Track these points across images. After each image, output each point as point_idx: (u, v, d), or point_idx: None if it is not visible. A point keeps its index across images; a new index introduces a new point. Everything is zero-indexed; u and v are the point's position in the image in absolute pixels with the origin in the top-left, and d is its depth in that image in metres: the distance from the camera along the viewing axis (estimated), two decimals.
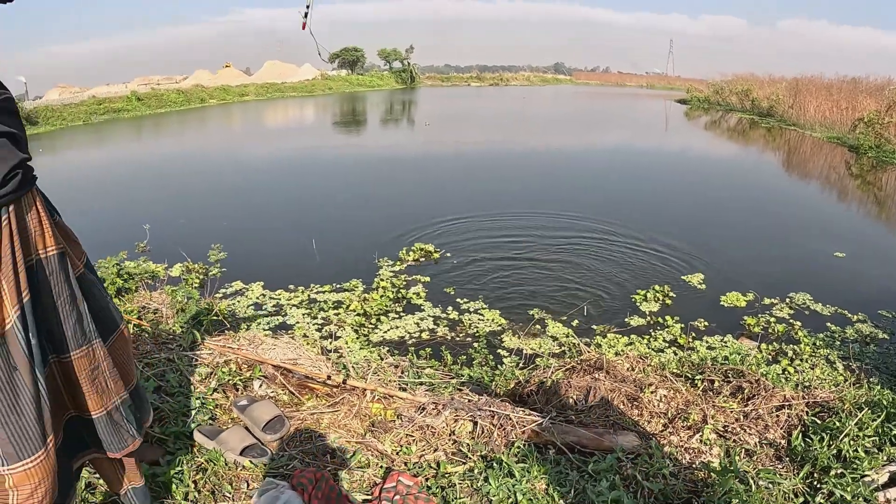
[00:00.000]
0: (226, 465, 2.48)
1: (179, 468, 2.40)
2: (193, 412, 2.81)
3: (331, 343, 4.71)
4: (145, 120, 32.46)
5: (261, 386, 3.16)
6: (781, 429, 2.72)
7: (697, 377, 3.28)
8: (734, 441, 2.68)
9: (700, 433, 2.69)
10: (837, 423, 2.62)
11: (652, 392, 2.97)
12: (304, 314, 5.43)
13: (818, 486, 2.39)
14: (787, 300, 5.85)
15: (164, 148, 19.60)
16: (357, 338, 4.89)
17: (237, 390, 3.11)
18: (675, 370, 3.44)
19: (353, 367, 3.47)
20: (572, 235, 7.96)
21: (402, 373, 3.69)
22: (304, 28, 2.12)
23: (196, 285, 6.12)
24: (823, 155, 17.80)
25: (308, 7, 2.06)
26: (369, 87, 58.42)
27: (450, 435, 2.63)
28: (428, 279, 6.25)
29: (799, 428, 2.70)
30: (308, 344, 4.16)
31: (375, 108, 36.48)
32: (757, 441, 2.67)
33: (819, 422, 2.71)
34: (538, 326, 5.20)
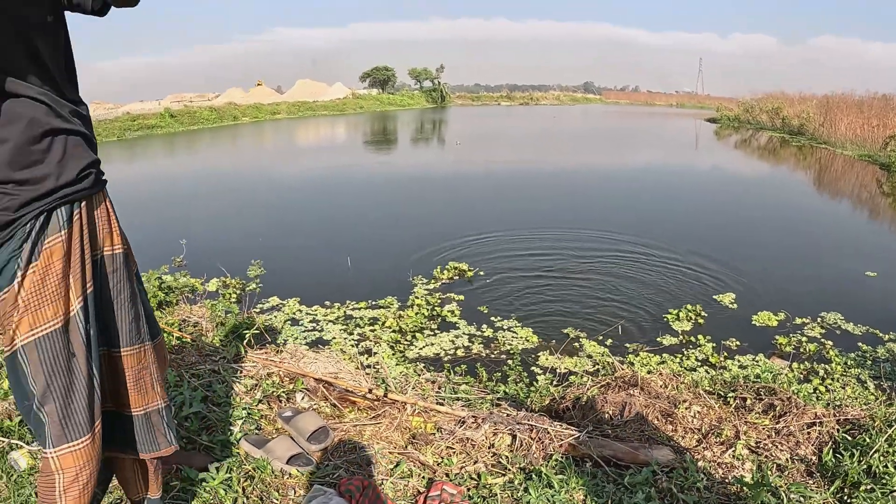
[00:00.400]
0: (273, 473, 2.59)
1: (228, 475, 2.51)
2: (240, 422, 2.93)
3: (367, 358, 4.84)
4: (178, 137, 32.99)
5: (303, 398, 3.28)
6: (812, 445, 2.78)
7: (730, 394, 3.34)
8: (766, 457, 2.74)
9: (733, 449, 2.76)
10: (868, 440, 2.67)
11: (686, 408, 3.04)
12: (340, 330, 5.55)
13: (848, 501, 2.45)
14: (819, 319, 5.86)
15: (198, 164, 19.96)
16: (393, 354, 5.00)
17: (281, 402, 3.23)
18: (707, 388, 3.50)
19: (392, 381, 3.58)
20: (604, 253, 8.04)
21: (439, 388, 3.80)
22: None
23: (234, 300, 6.29)
24: (855, 173, 17.68)
25: None
26: (400, 106, 58.93)
27: (489, 448, 2.72)
28: (462, 297, 6.35)
29: (830, 444, 2.76)
30: (347, 358, 4.28)
31: (406, 127, 36.77)
32: (788, 457, 2.73)
33: (850, 438, 2.76)
34: (574, 345, 5.27)
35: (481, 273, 7.13)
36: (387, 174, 16.67)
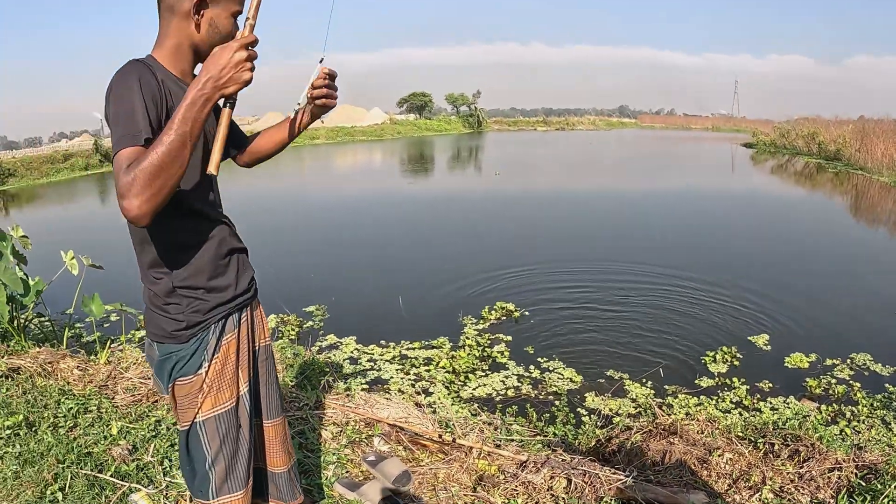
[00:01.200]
0: None
1: None
2: (332, 466, 3.39)
3: (424, 398, 5.28)
4: None
5: (380, 442, 3.73)
6: (831, 489, 3.16)
7: (760, 440, 3.72)
8: (788, 500, 3.13)
9: (759, 493, 3.15)
10: (879, 486, 3.04)
11: (719, 455, 3.44)
12: (397, 370, 6.01)
13: None
14: (848, 361, 6.16)
15: (242, 194, 20.62)
16: (448, 394, 5.44)
17: (361, 446, 3.69)
18: (739, 433, 3.88)
19: (457, 424, 4.02)
20: (644, 286, 8.51)
21: (496, 429, 4.23)
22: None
23: (293, 337, 6.80)
24: (891, 200, 17.81)
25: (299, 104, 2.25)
26: (437, 131, 59.62)
27: (548, 490, 3.14)
28: (510, 338, 6.77)
29: (845, 489, 3.13)
30: (409, 400, 4.73)
31: (444, 155, 37.23)
32: (808, 501, 3.11)
33: (864, 483, 3.13)
34: (617, 386, 5.66)
35: (526, 313, 7.55)
36: (428, 203, 17.20)
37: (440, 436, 3.70)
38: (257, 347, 2.25)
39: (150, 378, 4.73)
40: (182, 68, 1.89)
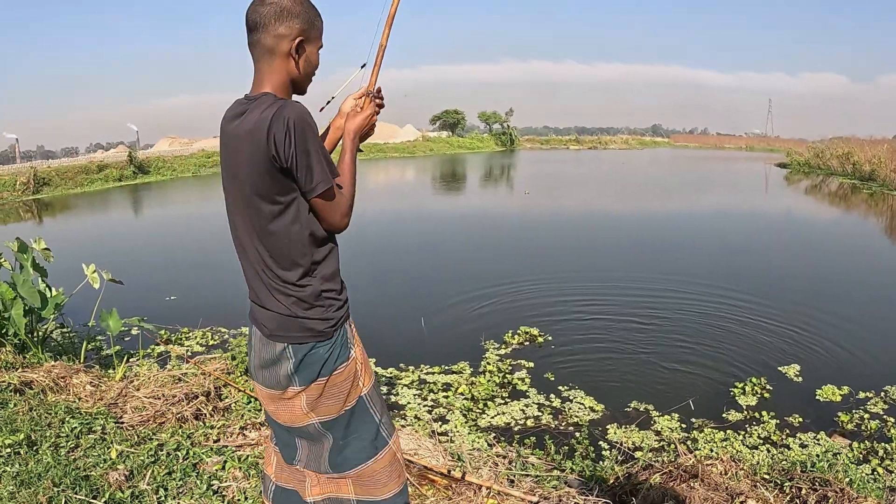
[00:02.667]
0: None
1: None
2: None
3: (441, 426, 5.13)
4: None
5: None
6: None
7: (786, 483, 3.52)
8: None
9: None
10: None
11: (742, 502, 3.24)
12: (414, 395, 5.86)
13: None
14: (882, 394, 5.89)
15: None
16: (466, 422, 5.28)
17: None
18: (765, 475, 3.67)
19: (468, 457, 3.86)
20: (673, 310, 8.32)
21: (511, 463, 4.06)
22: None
23: None
24: None
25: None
26: (469, 149, 59.65)
27: None
28: (532, 364, 6.59)
29: None
30: (422, 431, 4.59)
31: (475, 173, 37.18)
32: None
33: None
34: (641, 418, 5.45)
35: (550, 338, 7.37)
36: (457, 221, 17.09)
37: (449, 471, 3.55)
38: None
39: (158, 397, 4.64)
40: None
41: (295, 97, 2.22)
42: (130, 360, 6.29)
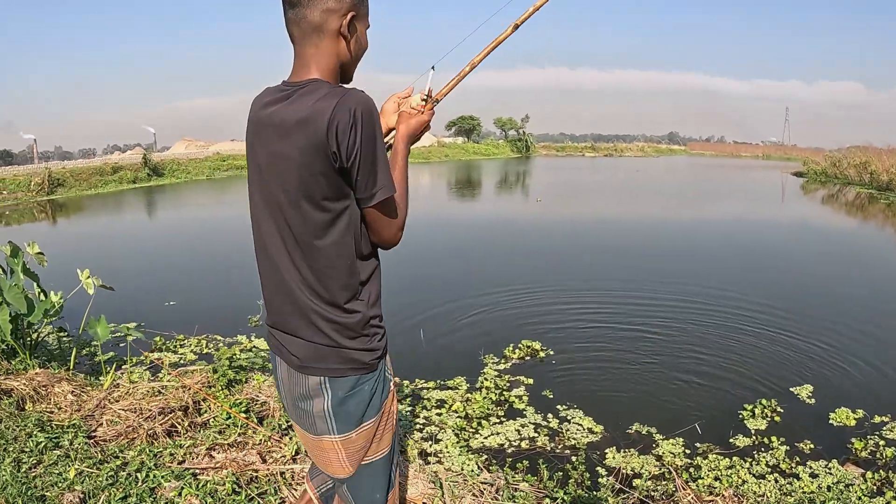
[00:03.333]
0: None
1: None
2: None
3: (431, 445, 4.88)
4: None
5: None
6: None
7: None
8: None
9: None
10: None
11: None
12: (407, 411, 5.61)
13: None
14: None
15: None
16: (458, 442, 5.02)
17: None
18: None
19: (451, 484, 3.61)
20: (683, 328, 7.98)
21: (497, 491, 3.80)
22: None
23: None
24: None
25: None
26: (485, 155, 59.48)
27: None
28: (531, 381, 6.31)
29: None
30: (410, 451, 4.34)
31: (489, 179, 37.02)
32: None
33: None
34: (642, 442, 5.17)
35: (551, 352, 7.10)
36: (466, 228, 16.88)
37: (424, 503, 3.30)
38: None
39: (135, 411, 4.44)
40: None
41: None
42: (122, 367, 6.13)
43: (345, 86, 1.86)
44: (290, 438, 4.07)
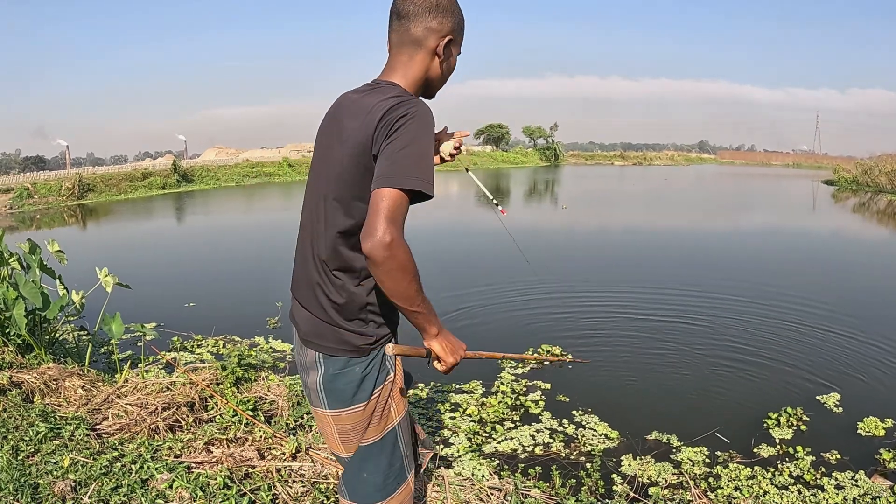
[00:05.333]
0: None
1: None
2: None
3: (442, 449, 4.76)
4: (294, 186, 34.05)
5: None
6: None
7: None
8: None
9: None
10: None
11: None
12: (420, 414, 5.50)
13: None
14: None
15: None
16: (470, 447, 4.89)
17: None
18: None
19: (455, 489, 3.48)
20: (706, 335, 7.78)
21: (505, 497, 3.67)
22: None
23: None
24: None
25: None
26: (513, 163, 59.41)
27: None
28: (549, 386, 6.17)
29: None
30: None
31: (518, 188, 36.92)
32: None
33: None
34: (661, 451, 5.00)
35: (569, 356, 6.94)
36: (493, 234, 16.77)
37: None
38: None
39: (140, 406, 4.39)
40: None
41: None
42: (137, 366, 6.09)
43: (414, 97, 1.95)
44: (294, 436, 3.97)
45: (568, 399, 5.89)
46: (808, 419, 5.53)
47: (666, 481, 4.49)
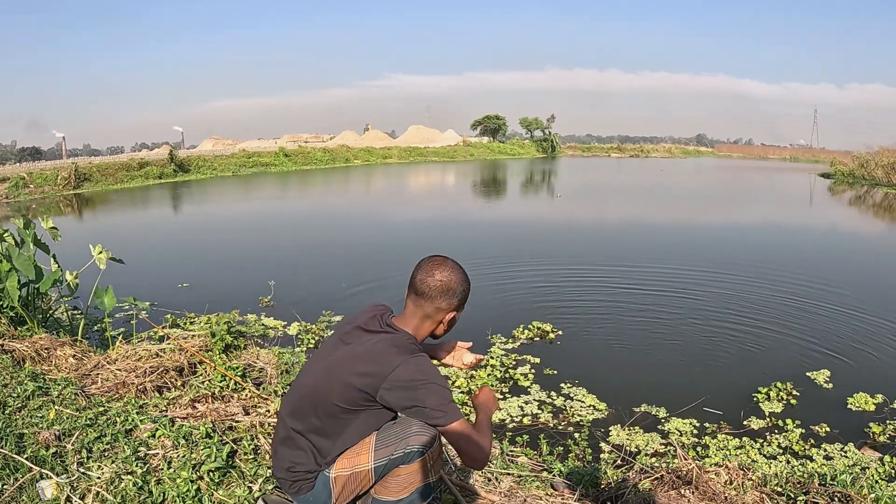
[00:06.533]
0: None
1: None
2: (260, 480, 2.93)
3: None
4: (290, 176, 33.92)
5: None
6: None
7: (800, 497, 3.08)
8: None
9: None
10: None
11: None
12: None
13: None
14: None
15: (306, 206, 20.58)
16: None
17: None
18: (777, 486, 3.24)
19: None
20: (698, 313, 7.86)
21: (491, 459, 3.67)
22: None
23: (312, 346, 6.40)
24: None
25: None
26: (510, 155, 59.22)
27: None
28: (538, 360, 6.19)
29: None
30: None
31: (514, 178, 36.80)
32: None
33: None
34: (648, 421, 5.01)
35: (561, 333, 6.97)
36: (490, 222, 16.76)
37: None
38: None
39: (130, 371, 4.41)
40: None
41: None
42: (130, 339, 6.08)
43: (418, 352, 2.29)
44: (280, 398, 3.98)
45: (556, 372, 5.91)
46: (797, 394, 5.55)
47: (652, 450, 4.50)
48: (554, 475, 3.62)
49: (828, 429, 4.95)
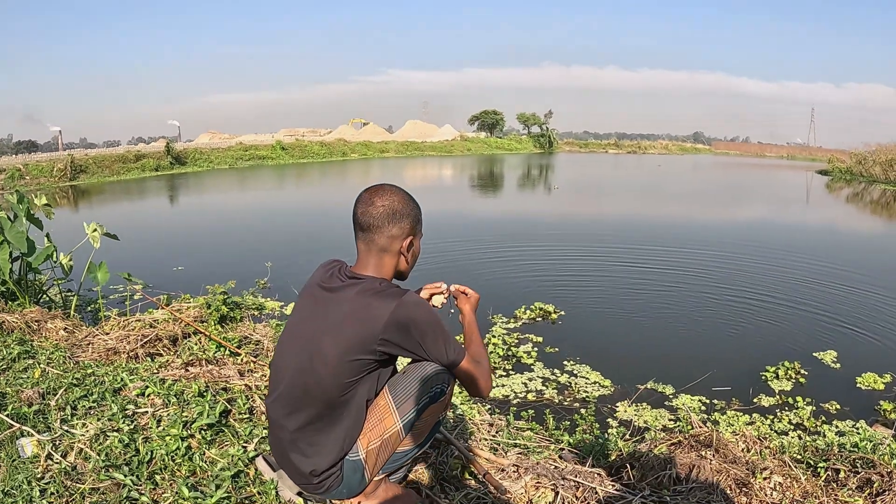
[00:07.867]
0: (278, 499, 2.40)
1: (227, 496, 2.35)
2: (256, 440, 2.79)
3: None
4: (287, 169, 33.85)
5: None
6: None
7: (821, 464, 2.94)
8: None
9: None
10: None
11: (765, 478, 2.68)
12: (409, 362, 5.35)
13: None
14: None
15: (303, 196, 20.43)
16: (459, 391, 4.75)
17: None
18: (795, 455, 3.11)
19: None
20: (702, 295, 7.76)
21: (497, 432, 3.54)
22: None
23: None
24: None
25: None
26: (507, 150, 59.07)
27: (527, 503, 2.45)
28: (541, 339, 6.06)
29: None
30: None
31: (512, 172, 36.79)
32: None
33: None
34: (656, 397, 4.89)
35: (562, 312, 6.86)
36: (489, 213, 16.68)
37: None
38: None
39: (122, 339, 4.28)
40: None
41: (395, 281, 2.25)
42: (124, 317, 5.95)
43: (399, 288, 2.12)
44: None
45: (558, 350, 5.79)
46: (805, 373, 5.44)
47: (661, 425, 4.37)
48: (562, 447, 3.48)
49: (838, 406, 4.84)
